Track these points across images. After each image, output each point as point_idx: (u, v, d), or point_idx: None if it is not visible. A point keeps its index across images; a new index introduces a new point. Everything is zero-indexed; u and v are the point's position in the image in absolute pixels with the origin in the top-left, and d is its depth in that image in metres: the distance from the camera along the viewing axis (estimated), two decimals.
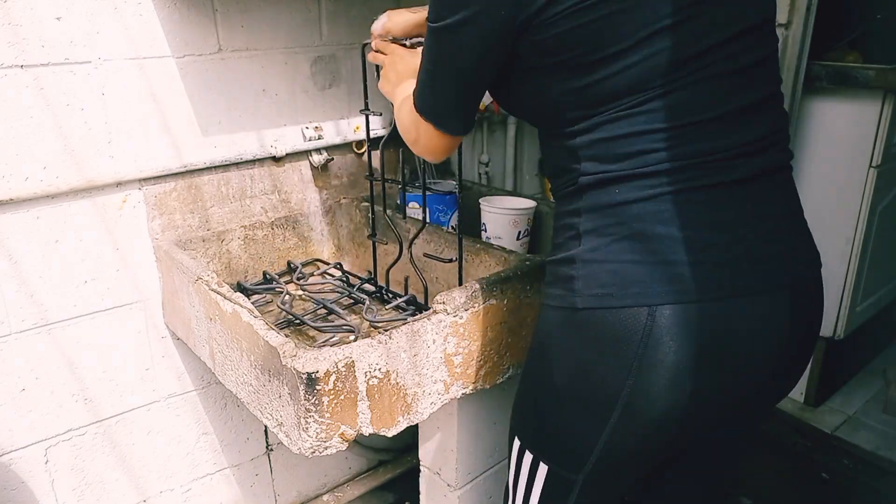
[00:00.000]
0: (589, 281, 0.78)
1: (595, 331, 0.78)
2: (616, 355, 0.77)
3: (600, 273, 0.78)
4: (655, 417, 0.78)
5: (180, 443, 1.46)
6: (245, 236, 1.39)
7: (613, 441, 0.81)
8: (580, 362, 0.80)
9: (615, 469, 0.85)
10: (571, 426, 0.84)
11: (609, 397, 0.78)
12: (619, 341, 0.76)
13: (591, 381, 0.80)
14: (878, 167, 1.83)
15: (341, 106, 1.50)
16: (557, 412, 0.85)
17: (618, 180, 0.77)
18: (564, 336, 0.82)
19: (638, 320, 0.75)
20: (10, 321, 1.18)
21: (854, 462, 1.90)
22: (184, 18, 1.23)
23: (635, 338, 0.75)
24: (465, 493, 1.21)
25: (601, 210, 0.78)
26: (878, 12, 1.88)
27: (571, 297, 0.80)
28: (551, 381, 0.85)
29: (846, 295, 1.97)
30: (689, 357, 0.75)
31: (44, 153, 1.14)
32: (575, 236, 0.81)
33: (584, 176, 0.79)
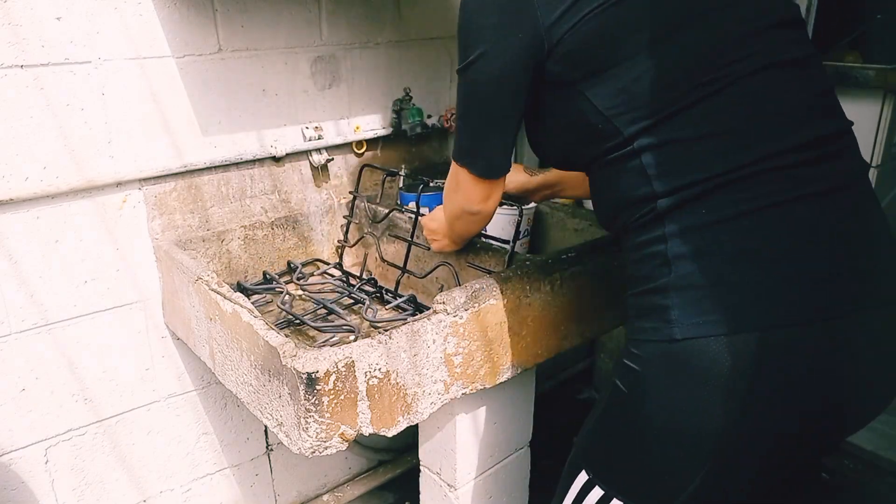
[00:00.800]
0: (687, 309, 0.73)
1: (698, 363, 0.72)
2: (720, 388, 0.71)
3: (700, 299, 0.72)
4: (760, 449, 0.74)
5: (180, 443, 1.46)
6: (245, 236, 1.39)
7: (712, 477, 0.75)
8: (680, 401, 0.74)
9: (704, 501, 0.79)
10: (666, 464, 0.78)
11: (712, 434, 0.73)
12: (723, 373, 0.70)
13: (692, 417, 0.74)
14: (878, 167, 1.83)
15: (341, 106, 1.50)
16: (651, 450, 0.79)
17: (702, 196, 0.73)
18: (661, 371, 0.76)
19: (745, 348, 0.70)
20: (10, 321, 1.18)
21: (854, 462, 1.90)
22: (184, 18, 1.23)
23: (742, 367, 0.70)
24: (465, 493, 1.21)
25: (690, 232, 0.74)
26: (878, 12, 1.88)
27: (668, 329, 0.74)
28: (645, 419, 0.78)
29: None
30: (801, 383, 0.71)
31: (44, 153, 1.14)
32: (663, 263, 0.75)
33: (661, 199, 0.75)
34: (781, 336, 0.70)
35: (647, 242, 0.78)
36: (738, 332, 0.70)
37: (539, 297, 1.11)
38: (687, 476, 0.76)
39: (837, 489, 1.83)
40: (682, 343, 0.73)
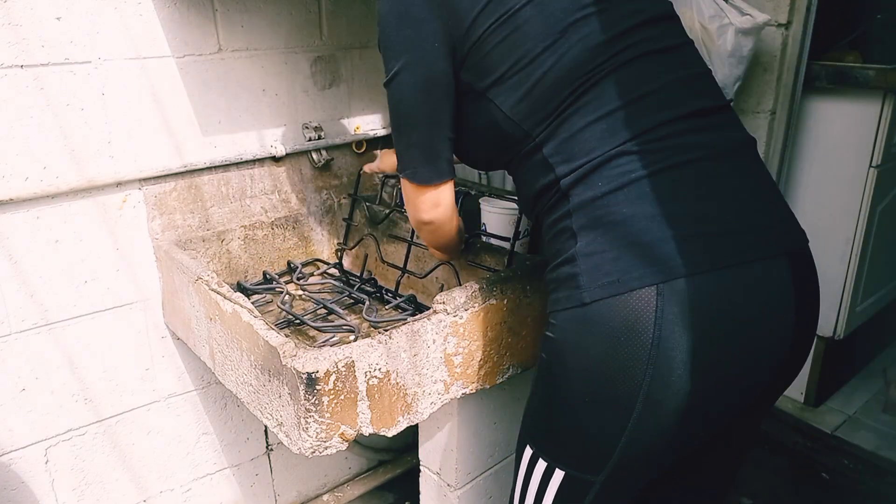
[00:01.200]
0: (593, 273, 0.78)
1: (607, 323, 0.77)
2: (632, 344, 0.76)
3: (602, 263, 0.78)
4: (678, 405, 0.77)
5: (180, 443, 1.46)
6: (245, 236, 1.39)
7: (636, 436, 0.79)
8: (596, 359, 0.79)
9: (635, 467, 0.83)
10: (592, 427, 0.82)
11: (630, 390, 0.77)
12: (632, 329, 0.75)
13: (609, 376, 0.78)
14: (878, 167, 1.83)
15: (341, 106, 1.50)
16: (576, 415, 0.83)
17: (596, 169, 0.79)
18: (576, 336, 0.81)
19: (648, 301, 0.74)
20: (11, 321, 1.18)
21: (854, 462, 1.90)
22: (184, 18, 1.23)
23: (648, 320, 0.74)
24: (465, 493, 1.21)
25: (590, 203, 0.80)
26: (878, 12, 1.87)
27: (578, 294, 0.79)
28: (568, 385, 0.83)
29: (846, 295, 1.97)
30: (704, 331, 0.75)
31: (44, 153, 1.14)
32: (570, 236, 0.82)
33: (563, 178, 0.81)
34: (679, 287, 0.74)
35: (556, 220, 0.85)
36: (638, 287, 0.75)
37: (539, 297, 1.11)
38: (613, 434, 0.80)
39: (837, 489, 1.83)
40: (590, 306, 0.78)
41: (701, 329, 0.75)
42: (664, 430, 0.79)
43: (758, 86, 1.73)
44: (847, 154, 1.86)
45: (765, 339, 0.80)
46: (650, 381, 0.76)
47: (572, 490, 0.86)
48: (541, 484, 0.89)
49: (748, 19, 1.55)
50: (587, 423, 0.82)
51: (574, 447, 0.85)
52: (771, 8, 1.64)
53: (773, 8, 1.65)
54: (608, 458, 0.82)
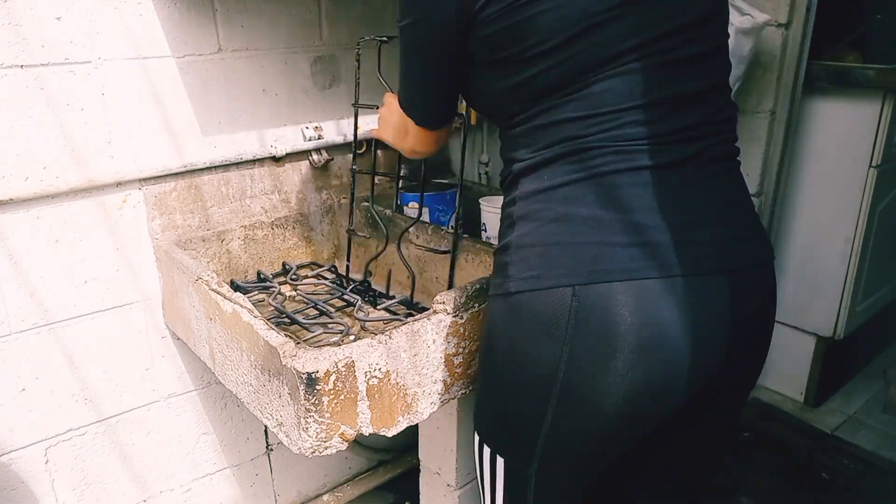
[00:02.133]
0: (520, 265, 0.80)
1: (526, 314, 0.80)
2: (547, 337, 0.78)
3: (530, 256, 0.80)
4: (592, 401, 0.77)
5: (180, 443, 1.46)
6: (245, 236, 1.39)
7: (554, 431, 0.81)
8: (516, 347, 0.82)
9: (563, 462, 0.85)
10: (516, 415, 0.85)
11: (545, 380, 0.79)
12: (548, 323, 0.77)
13: (526, 364, 0.81)
14: (878, 167, 1.83)
15: (341, 106, 1.50)
16: (503, 401, 0.87)
17: (545, 163, 0.80)
18: (502, 323, 0.84)
19: (563, 301, 0.76)
20: (11, 321, 1.18)
21: (854, 462, 1.90)
22: (184, 18, 1.23)
23: (562, 319, 0.76)
24: (465, 493, 1.21)
25: (532, 196, 0.81)
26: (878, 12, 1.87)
27: (506, 283, 0.82)
28: (495, 370, 0.87)
29: (846, 295, 1.97)
30: (615, 338, 0.75)
31: (44, 153, 1.14)
32: (510, 224, 0.84)
33: (517, 163, 0.83)
34: (595, 291, 0.76)
35: (506, 205, 0.87)
36: (554, 286, 0.77)
37: None
38: (533, 423, 0.82)
39: (837, 489, 1.83)
40: (514, 296, 0.81)
41: (612, 335, 0.75)
42: (583, 426, 0.80)
43: (758, 86, 1.73)
44: (847, 154, 1.86)
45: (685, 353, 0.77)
46: (563, 376, 0.78)
47: (514, 481, 0.89)
48: (491, 471, 0.91)
49: (748, 19, 1.55)
50: (510, 408, 0.86)
51: (505, 434, 0.89)
52: (771, 8, 1.64)
53: (773, 8, 1.65)
54: (533, 449, 0.84)
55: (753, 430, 2.04)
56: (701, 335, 0.78)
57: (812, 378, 2.09)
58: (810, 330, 2.04)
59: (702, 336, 0.78)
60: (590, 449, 0.84)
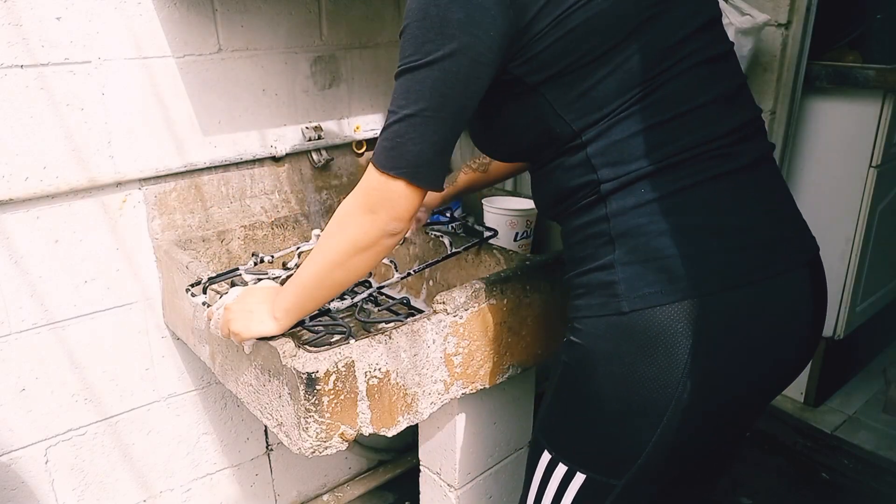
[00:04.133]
0: (633, 282, 0.77)
1: (645, 332, 0.76)
2: (669, 354, 0.76)
3: (644, 273, 0.77)
4: (706, 413, 0.79)
5: (180, 443, 1.46)
6: (245, 236, 1.39)
7: (664, 442, 0.79)
8: (631, 366, 0.78)
9: (659, 470, 0.83)
10: (620, 434, 0.82)
11: (663, 399, 0.77)
12: (670, 339, 0.75)
13: (643, 385, 0.78)
14: (878, 167, 1.83)
15: (341, 106, 1.50)
16: (605, 421, 0.82)
17: (642, 178, 0.77)
18: (609, 344, 0.79)
19: (690, 313, 0.75)
20: (11, 321, 1.18)
21: (854, 462, 1.90)
22: (184, 18, 1.23)
23: (686, 332, 0.75)
24: (465, 493, 1.21)
25: (630, 211, 0.78)
26: (878, 12, 1.87)
27: (615, 303, 0.78)
28: (596, 392, 0.82)
29: (846, 295, 1.97)
30: (739, 344, 0.76)
31: (44, 153, 1.14)
32: (606, 242, 0.79)
33: (604, 183, 0.79)
34: (719, 300, 0.75)
35: (590, 223, 0.82)
36: (680, 300, 0.75)
37: (539, 297, 1.11)
38: (641, 441, 0.80)
39: (837, 489, 1.83)
40: (629, 315, 0.77)
41: (736, 341, 0.76)
42: (690, 438, 0.80)
43: (758, 86, 1.73)
44: (847, 154, 1.86)
45: (788, 347, 0.82)
46: (681, 391, 0.76)
47: (592, 493, 0.86)
48: (559, 488, 0.88)
49: (748, 19, 1.55)
50: (615, 429, 0.82)
51: (599, 453, 0.85)
52: (771, 8, 1.64)
53: (773, 8, 1.65)
54: (633, 463, 0.82)
55: (753, 430, 2.04)
56: (800, 327, 0.82)
57: (812, 378, 2.09)
58: None
59: (801, 328, 0.82)
60: (689, 455, 0.85)
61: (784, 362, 0.83)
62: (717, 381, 0.77)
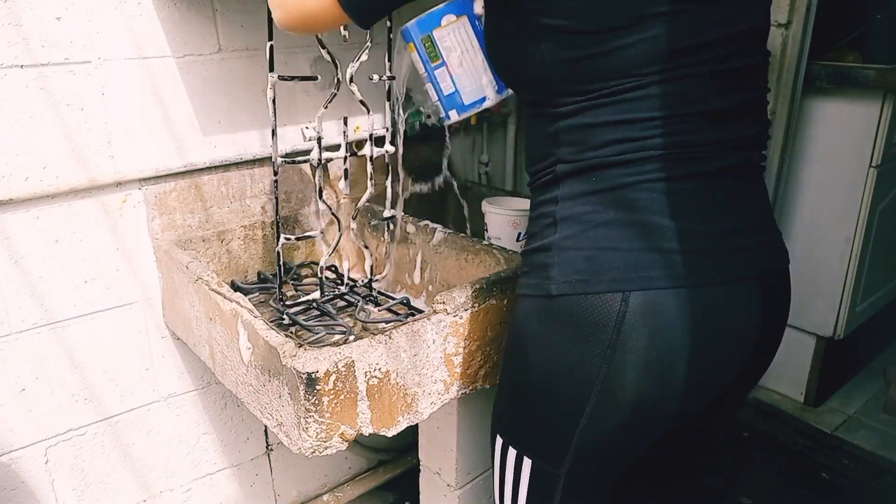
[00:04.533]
0: (564, 268, 0.79)
1: (569, 317, 0.78)
2: (590, 342, 0.77)
3: (576, 259, 0.78)
4: (629, 406, 0.78)
5: (180, 443, 1.46)
6: (245, 236, 1.39)
7: (590, 431, 0.81)
8: (555, 350, 0.80)
9: (595, 462, 0.85)
10: (549, 417, 0.84)
11: (584, 385, 0.78)
12: (592, 327, 0.76)
13: (565, 368, 0.80)
14: (878, 167, 1.83)
15: (341, 106, 1.50)
16: (535, 403, 0.85)
17: (595, 168, 0.77)
18: (538, 324, 0.82)
19: (612, 306, 0.75)
20: (10, 321, 1.18)
21: (854, 462, 1.90)
22: (184, 18, 1.23)
23: (609, 324, 0.76)
24: (465, 493, 1.21)
25: (578, 198, 0.79)
26: (878, 12, 1.88)
27: (547, 285, 0.80)
28: (527, 372, 0.85)
29: (846, 295, 1.97)
30: (662, 344, 0.76)
31: (44, 153, 1.14)
32: (551, 224, 0.81)
33: (561, 164, 0.80)
34: (645, 297, 0.75)
35: (543, 203, 0.83)
36: (604, 291, 0.76)
37: None
38: (568, 425, 0.81)
39: (837, 489, 1.83)
40: (556, 299, 0.79)
41: (660, 340, 0.76)
42: (617, 429, 0.81)
43: None
44: (847, 154, 1.86)
45: (722, 357, 0.81)
46: (603, 380, 0.77)
47: (541, 481, 0.88)
48: (514, 473, 0.90)
49: None
50: (544, 412, 0.84)
51: (535, 435, 0.87)
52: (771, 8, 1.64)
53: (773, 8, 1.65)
54: (565, 450, 0.83)
55: (753, 430, 2.04)
56: (739, 337, 0.80)
57: (812, 378, 2.09)
58: (810, 330, 2.04)
59: (740, 337, 0.80)
60: (622, 448, 0.85)
61: (719, 372, 0.82)
62: (638, 377, 0.77)
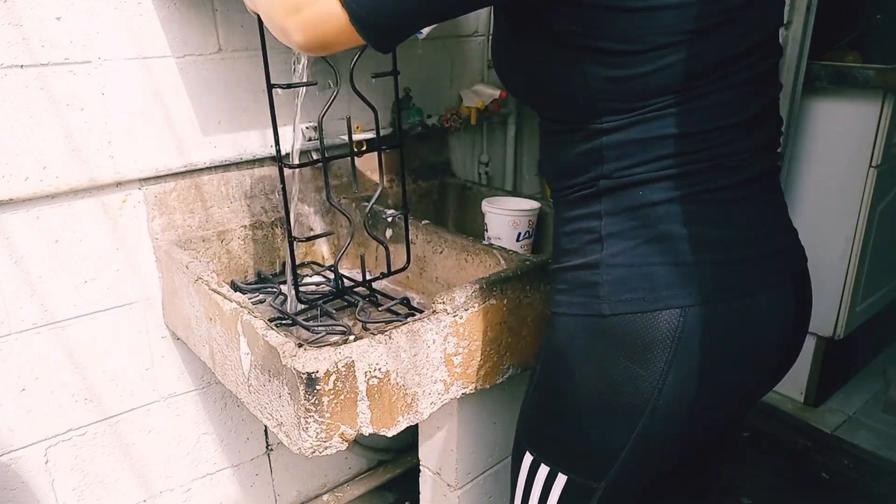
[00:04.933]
0: (616, 286, 0.76)
1: (624, 336, 0.76)
2: (646, 359, 0.75)
3: (629, 277, 0.76)
4: (682, 418, 0.79)
5: (180, 443, 1.46)
6: (245, 236, 1.39)
7: (640, 445, 0.80)
8: (607, 369, 0.78)
9: (637, 472, 0.84)
10: (597, 434, 0.82)
11: (639, 402, 0.77)
12: (650, 345, 0.75)
13: (619, 387, 0.78)
14: (878, 167, 1.83)
15: (341, 106, 1.50)
16: (581, 422, 0.83)
17: (642, 183, 0.76)
18: (587, 344, 0.79)
19: (670, 322, 0.74)
20: (11, 321, 1.18)
21: (854, 462, 1.90)
22: (184, 18, 1.23)
23: (668, 340, 0.74)
24: (465, 493, 1.21)
25: (624, 212, 0.77)
26: (878, 12, 1.88)
27: (597, 304, 0.77)
28: (574, 392, 0.82)
29: (846, 295, 1.97)
30: (715, 355, 0.76)
31: (44, 153, 1.14)
32: (595, 240, 0.78)
33: (604, 179, 0.77)
34: (703, 311, 0.74)
35: (581, 217, 0.80)
36: (662, 309, 0.74)
37: (539, 297, 1.11)
38: (617, 443, 0.80)
39: (837, 489, 1.83)
40: (609, 318, 0.77)
41: (716, 352, 0.76)
42: (667, 441, 0.81)
43: None
44: (847, 154, 1.86)
45: (769, 360, 0.83)
46: (657, 396, 0.76)
47: (575, 495, 0.86)
48: (543, 489, 0.88)
49: None
50: (591, 430, 0.82)
51: (577, 453, 0.85)
52: None
53: None
54: (611, 465, 0.82)
55: (753, 430, 2.04)
56: (780, 340, 0.82)
57: (812, 378, 2.09)
58: (810, 330, 2.03)
59: (780, 340, 0.82)
60: (668, 458, 0.85)
61: (762, 372, 0.84)
62: (693, 389, 0.77)
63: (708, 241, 0.75)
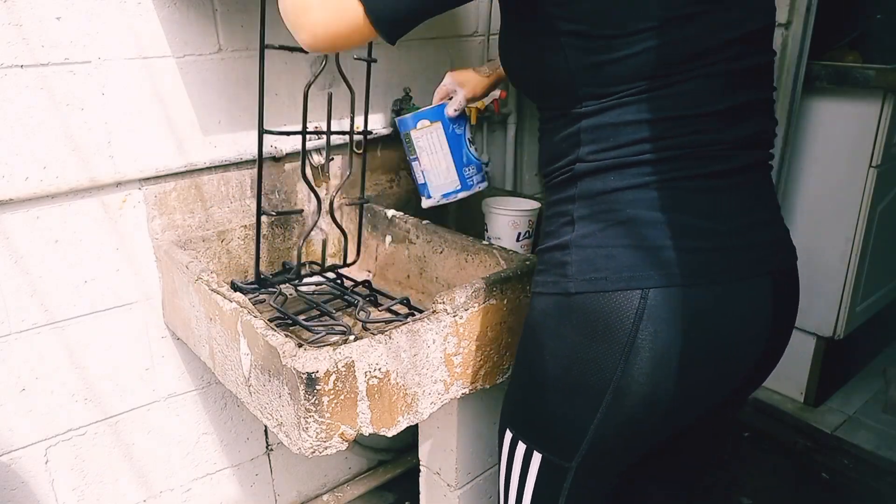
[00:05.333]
0: (582, 266, 0.79)
1: (587, 314, 0.79)
2: (608, 339, 0.77)
3: (594, 258, 0.78)
4: (645, 400, 0.79)
5: (180, 443, 1.46)
6: (245, 236, 1.39)
7: (605, 426, 0.81)
8: (572, 347, 0.81)
9: (607, 455, 0.86)
10: (564, 412, 0.84)
11: (601, 381, 0.79)
12: (611, 325, 0.77)
13: (583, 365, 0.80)
14: (878, 167, 1.83)
15: (342, 106, 1.50)
16: (550, 399, 0.86)
17: (613, 168, 0.78)
18: (556, 322, 0.82)
19: (630, 303, 0.76)
20: (10, 321, 1.18)
21: (854, 462, 1.90)
22: (184, 18, 1.23)
23: (627, 321, 0.76)
24: (465, 493, 1.21)
25: (595, 197, 0.79)
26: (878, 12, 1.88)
27: (564, 283, 0.80)
28: (543, 369, 0.85)
29: (846, 295, 1.97)
30: (678, 340, 0.77)
31: (44, 153, 1.14)
32: (568, 222, 0.82)
33: (580, 163, 0.80)
34: (663, 295, 0.76)
35: (559, 201, 0.84)
36: (624, 289, 0.76)
37: None
38: (583, 422, 0.82)
39: (837, 489, 1.83)
40: (575, 297, 0.79)
41: (677, 337, 0.77)
42: (631, 423, 0.82)
43: None
44: (847, 154, 1.86)
45: (736, 354, 0.82)
46: (620, 377, 0.78)
47: (550, 474, 0.88)
48: (522, 467, 0.91)
49: None
50: (559, 407, 0.85)
51: (547, 431, 0.88)
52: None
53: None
54: (579, 444, 0.84)
55: (753, 430, 2.04)
56: (752, 334, 0.82)
57: (812, 378, 2.09)
58: (810, 330, 2.04)
59: (753, 335, 0.82)
60: (634, 443, 0.86)
61: (736, 365, 0.83)
62: (659, 373, 0.78)
63: (677, 228, 0.76)
